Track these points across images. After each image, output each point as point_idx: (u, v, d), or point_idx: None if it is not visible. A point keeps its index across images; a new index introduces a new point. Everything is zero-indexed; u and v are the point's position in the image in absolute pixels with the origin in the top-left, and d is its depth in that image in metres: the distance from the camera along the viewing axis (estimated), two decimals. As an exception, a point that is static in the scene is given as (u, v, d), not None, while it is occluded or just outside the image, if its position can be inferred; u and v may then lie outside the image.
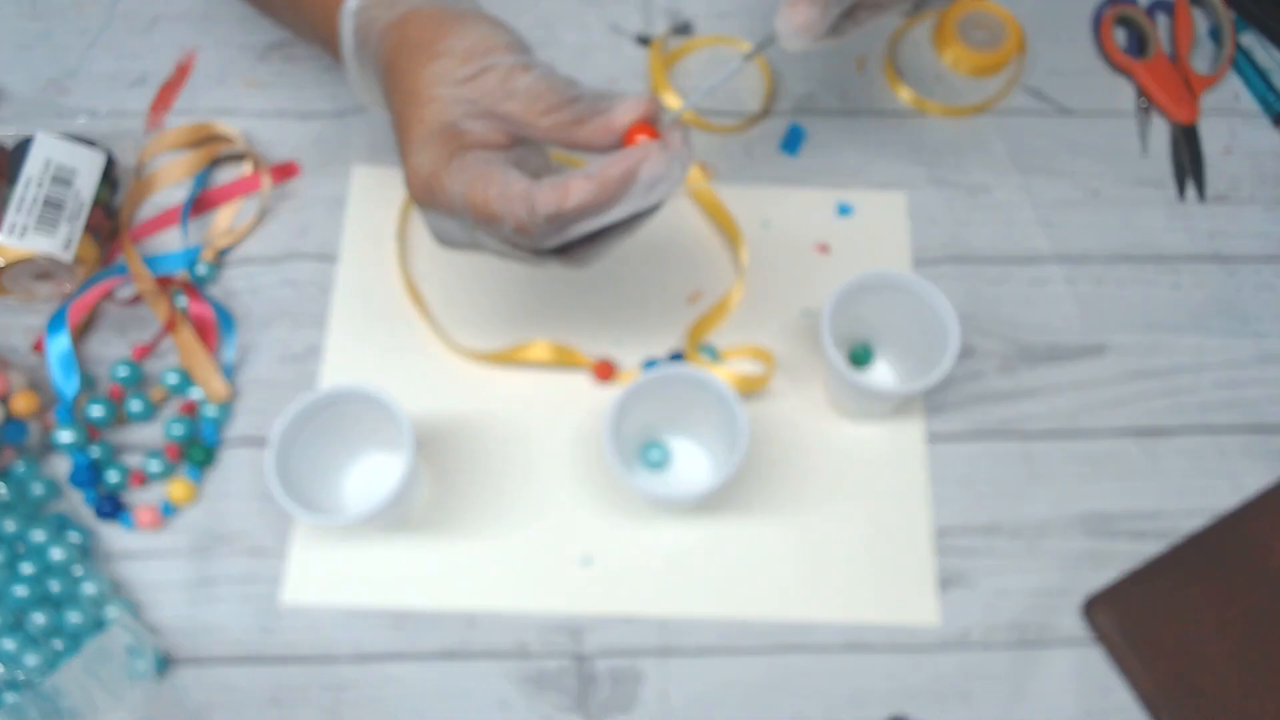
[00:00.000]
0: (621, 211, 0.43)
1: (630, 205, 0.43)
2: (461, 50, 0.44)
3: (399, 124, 0.46)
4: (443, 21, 0.45)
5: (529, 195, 0.42)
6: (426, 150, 0.44)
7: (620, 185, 0.42)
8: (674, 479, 0.57)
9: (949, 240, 0.63)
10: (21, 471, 0.55)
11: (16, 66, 0.66)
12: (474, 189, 0.43)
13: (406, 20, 0.46)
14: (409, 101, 0.45)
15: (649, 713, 0.53)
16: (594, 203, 0.42)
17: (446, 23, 0.45)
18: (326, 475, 0.55)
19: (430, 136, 0.44)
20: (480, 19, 0.46)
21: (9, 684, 0.51)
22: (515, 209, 0.42)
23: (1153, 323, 0.61)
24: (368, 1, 0.48)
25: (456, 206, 0.44)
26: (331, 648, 0.54)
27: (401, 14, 0.47)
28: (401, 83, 0.45)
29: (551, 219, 0.42)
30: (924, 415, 0.59)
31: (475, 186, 0.43)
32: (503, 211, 0.42)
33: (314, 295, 0.61)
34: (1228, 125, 0.67)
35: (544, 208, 0.42)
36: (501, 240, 0.44)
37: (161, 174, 0.64)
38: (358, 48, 0.49)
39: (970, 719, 0.53)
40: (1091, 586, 0.55)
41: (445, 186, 0.43)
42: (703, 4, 0.69)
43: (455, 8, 0.47)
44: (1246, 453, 0.58)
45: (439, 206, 0.44)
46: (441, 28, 0.45)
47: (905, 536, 0.56)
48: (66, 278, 0.59)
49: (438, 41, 0.45)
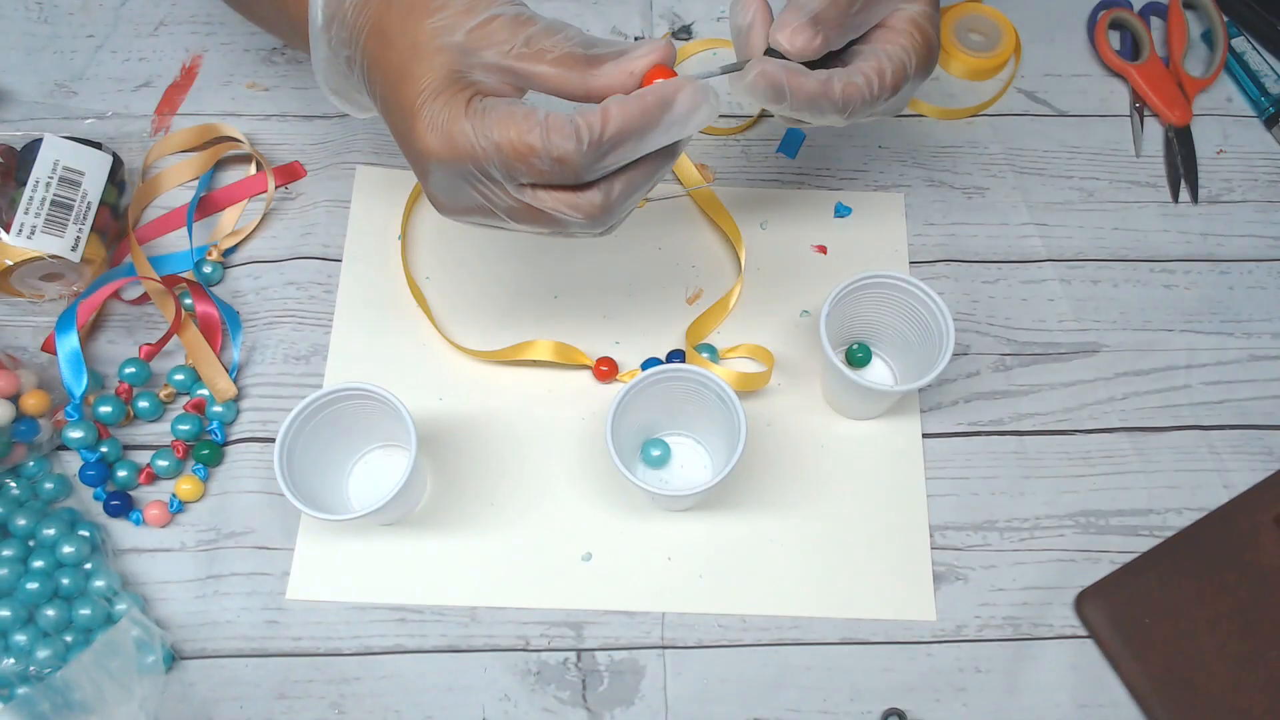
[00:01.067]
0: (657, 140, 0.42)
1: (667, 134, 0.42)
2: (462, 2, 0.43)
3: (397, 82, 0.44)
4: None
5: (571, 121, 0.41)
6: (439, 100, 0.42)
7: (658, 110, 0.41)
8: (673, 476, 0.58)
9: (945, 241, 0.64)
10: (32, 469, 0.56)
11: (24, 69, 0.67)
12: (505, 127, 0.41)
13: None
14: (410, 56, 0.43)
15: (649, 706, 0.54)
16: (635, 127, 0.41)
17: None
18: (331, 472, 0.56)
19: (441, 86, 0.42)
20: None
21: (21, 677, 0.52)
22: (556, 140, 0.41)
23: (1146, 322, 0.62)
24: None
25: (483, 151, 0.42)
26: (336, 642, 0.55)
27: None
28: (398, 40, 0.44)
29: (594, 144, 0.41)
30: (920, 413, 0.59)
31: (507, 124, 0.41)
32: (541, 144, 0.41)
33: (318, 295, 0.62)
34: (1220, 127, 0.68)
35: (587, 132, 0.41)
36: (531, 181, 0.43)
37: (167, 175, 0.64)
38: (328, 23, 0.46)
39: (965, 713, 0.54)
40: (1084, 582, 0.56)
41: (469, 131, 0.42)
42: (703, 7, 0.70)
43: None
44: (1237, 450, 0.59)
45: (460, 156, 0.42)
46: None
47: (901, 532, 0.57)
48: (74, 278, 0.59)
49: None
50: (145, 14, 0.69)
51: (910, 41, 0.49)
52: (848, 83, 0.48)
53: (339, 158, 0.65)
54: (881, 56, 0.48)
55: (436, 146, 0.42)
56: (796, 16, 0.47)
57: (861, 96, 0.48)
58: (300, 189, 0.65)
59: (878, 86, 0.48)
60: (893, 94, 0.49)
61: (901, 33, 0.49)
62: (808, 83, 0.47)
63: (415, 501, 0.57)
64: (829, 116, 0.48)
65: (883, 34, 0.49)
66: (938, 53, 0.51)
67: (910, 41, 0.49)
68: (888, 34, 0.49)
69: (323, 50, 0.48)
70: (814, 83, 0.47)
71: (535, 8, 0.69)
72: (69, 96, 0.67)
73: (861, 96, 0.48)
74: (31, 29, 0.69)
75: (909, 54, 0.49)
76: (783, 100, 0.47)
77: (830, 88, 0.47)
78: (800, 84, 0.47)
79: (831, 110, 0.48)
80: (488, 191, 0.44)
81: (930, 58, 0.50)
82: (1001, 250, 0.64)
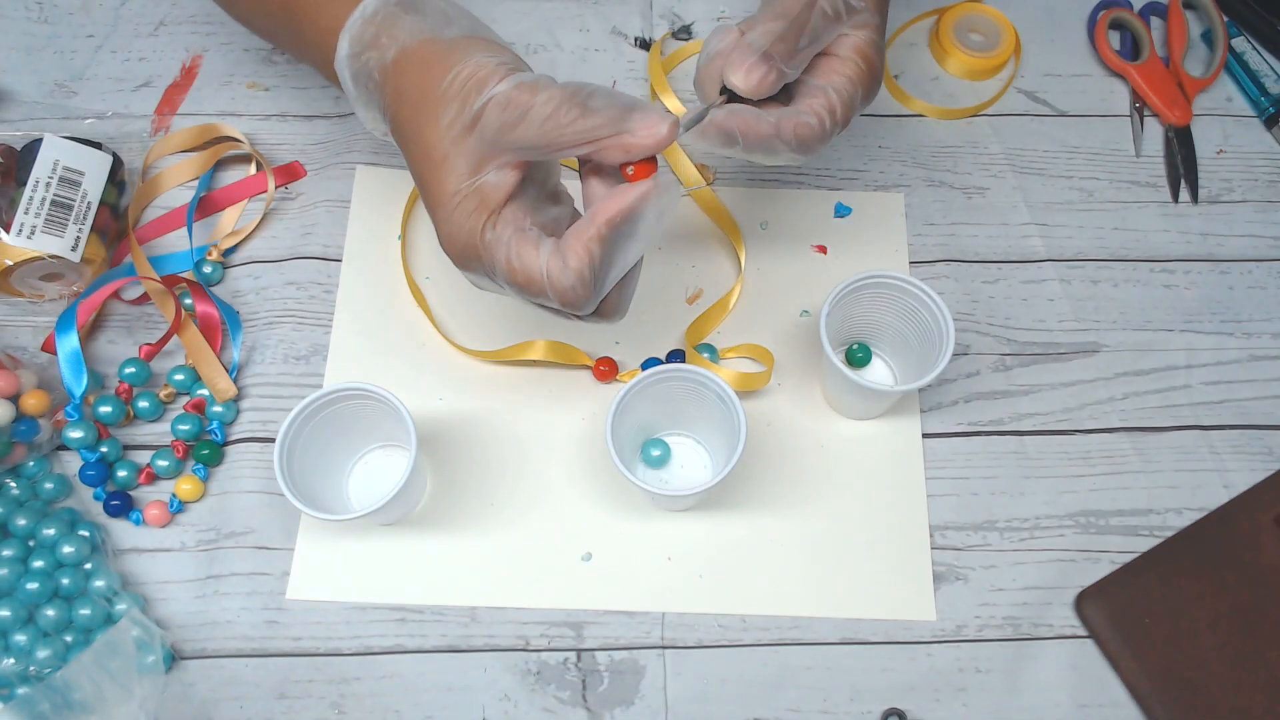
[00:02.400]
0: (639, 249, 0.44)
1: (643, 241, 0.44)
2: (458, 91, 0.43)
3: (418, 181, 0.45)
4: (432, 64, 0.44)
5: (573, 265, 0.42)
6: (456, 216, 0.44)
7: (627, 226, 0.43)
8: (673, 476, 0.58)
9: (945, 241, 0.64)
10: (32, 469, 0.56)
11: (24, 69, 0.67)
12: (513, 266, 0.43)
13: (399, 66, 0.45)
14: (424, 162, 0.44)
15: (649, 706, 0.54)
16: (618, 253, 0.43)
17: (435, 65, 0.44)
18: (331, 472, 0.56)
19: (455, 199, 0.43)
20: (471, 48, 0.44)
21: (21, 677, 0.52)
22: (556, 281, 0.43)
23: (1146, 322, 0.62)
24: (358, 48, 0.46)
25: (500, 278, 0.44)
26: (336, 642, 0.55)
27: (394, 57, 0.45)
28: (412, 141, 0.45)
29: (585, 284, 0.43)
30: (920, 413, 0.60)
31: (514, 264, 0.43)
32: (548, 290, 0.43)
33: (318, 295, 0.62)
34: (1220, 127, 0.68)
35: (585, 272, 0.43)
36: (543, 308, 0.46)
37: (167, 175, 0.64)
38: (359, 93, 0.48)
39: (965, 712, 0.54)
40: (1084, 582, 0.56)
41: (484, 258, 0.44)
42: (702, 7, 0.70)
43: (444, 39, 0.45)
44: (1237, 450, 0.59)
45: (481, 272, 0.45)
46: (431, 72, 0.44)
47: (901, 532, 0.57)
48: (74, 278, 0.59)
49: (431, 90, 0.44)
50: (145, 14, 0.69)
51: (855, 71, 0.49)
52: (799, 123, 0.48)
53: (339, 158, 0.65)
54: (829, 92, 0.49)
55: (459, 260, 0.45)
56: (748, 55, 0.47)
57: (815, 135, 0.48)
58: (300, 189, 0.65)
59: (829, 123, 0.49)
60: (844, 127, 0.49)
61: (847, 61, 0.49)
62: (759, 126, 0.47)
63: (415, 501, 0.57)
64: (784, 157, 0.49)
65: (828, 64, 0.50)
66: (881, 79, 0.51)
67: (855, 71, 0.49)
68: (833, 63, 0.49)
69: (361, 113, 0.49)
70: (765, 126, 0.47)
71: (535, 10, 0.70)
72: (69, 96, 0.67)
73: (815, 135, 0.48)
74: (31, 29, 0.69)
75: (855, 85, 0.49)
76: (734, 145, 0.48)
77: (782, 130, 0.48)
78: (751, 128, 0.47)
79: (786, 151, 0.48)
80: (498, 282, 0.46)
81: (874, 86, 0.51)
82: (1001, 250, 0.64)
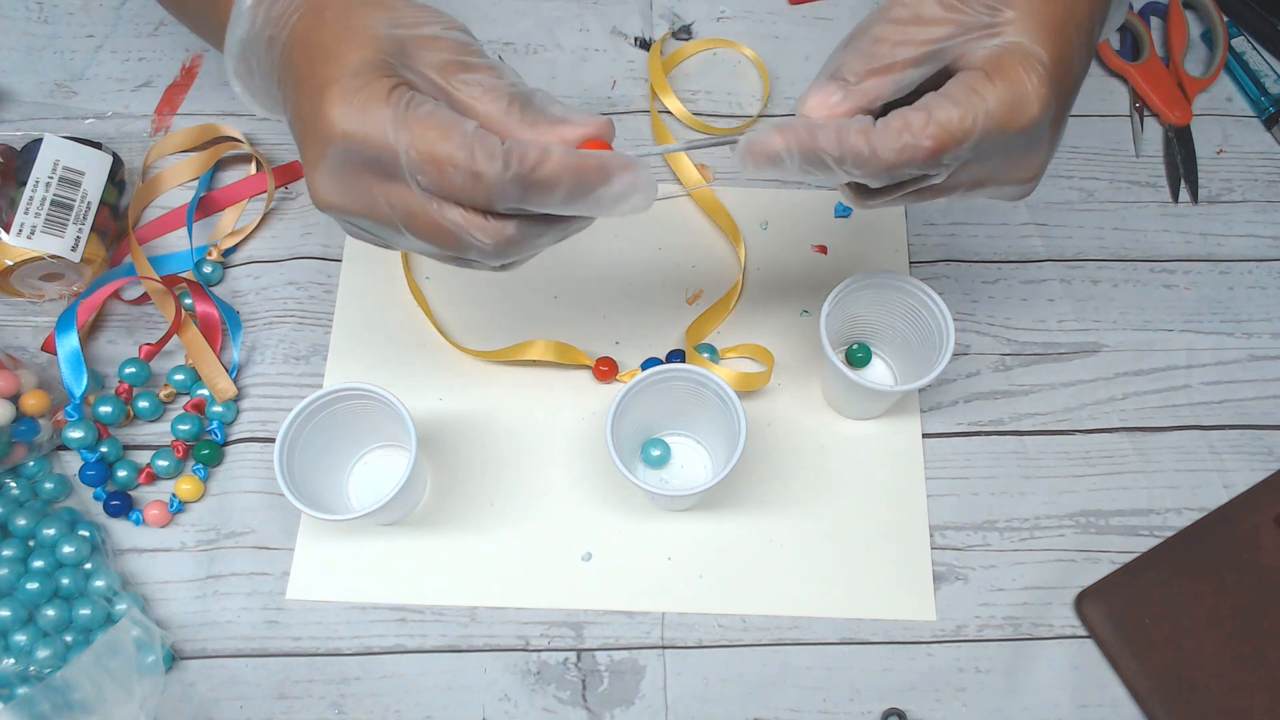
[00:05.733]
0: (580, 207, 0.38)
1: (590, 206, 0.38)
2: (411, 12, 0.39)
3: (319, 60, 0.39)
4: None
5: (505, 145, 0.37)
6: (359, 79, 0.38)
7: (595, 178, 0.38)
8: (673, 476, 0.58)
9: (945, 241, 0.64)
10: (33, 469, 0.56)
11: (24, 69, 0.67)
12: (427, 127, 0.37)
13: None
14: (341, 36, 0.39)
15: (649, 706, 0.54)
16: (568, 182, 0.37)
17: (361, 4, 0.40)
18: (331, 472, 0.56)
19: (365, 68, 0.38)
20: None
21: (21, 677, 0.52)
22: (481, 157, 0.37)
23: (1146, 322, 0.62)
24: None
25: (395, 144, 0.37)
26: (336, 642, 0.55)
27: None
28: (333, 21, 0.39)
29: (521, 178, 0.37)
30: (920, 413, 0.60)
31: (428, 124, 0.37)
32: (464, 157, 0.37)
33: (318, 295, 0.62)
34: (1220, 127, 0.68)
35: (517, 162, 0.37)
36: (437, 192, 0.38)
37: (167, 175, 0.64)
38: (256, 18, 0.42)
39: (965, 713, 0.54)
40: (1084, 582, 0.56)
41: (385, 118, 0.37)
42: (703, 7, 0.70)
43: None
44: (1237, 450, 0.59)
45: (368, 143, 0.37)
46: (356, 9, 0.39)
47: (901, 532, 0.57)
48: (74, 278, 0.60)
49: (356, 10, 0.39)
50: (145, 14, 0.69)
51: (971, 88, 0.37)
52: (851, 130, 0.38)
53: (339, 158, 0.65)
54: (934, 102, 0.38)
55: (344, 126, 0.37)
56: (820, 77, 0.40)
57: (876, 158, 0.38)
58: (300, 189, 0.65)
59: (896, 140, 0.37)
60: (930, 158, 0.38)
61: (972, 74, 0.38)
62: (799, 132, 0.39)
63: (415, 501, 0.57)
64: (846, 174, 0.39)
65: (957, 78, 0.39)
66: (1034, 117, 0.37)
67: (971, 88, 0.37)
68: (962, 77, 0.38)
69: (243, 28, 0.42)
70: (802, 130, 0.39)
71: (535, 10, 0.70)
72: (69, 96, 0.67)
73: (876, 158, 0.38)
74: (31, 29, 0.69)
75: (972, 105, 0.37)
76: (779, 163, 0.40)
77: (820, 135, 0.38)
78: (794, 134, 0.39)
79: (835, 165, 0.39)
80: (387, 191, 0.39)
81: (1012, 117, 0.37)
82: (1001, 250, 0.64)
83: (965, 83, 0.38)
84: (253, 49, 0.43)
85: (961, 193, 0.42)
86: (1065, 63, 0.39)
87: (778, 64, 0.69)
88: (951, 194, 0.42)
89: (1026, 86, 0.38)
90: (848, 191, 0.43)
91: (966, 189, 0.41)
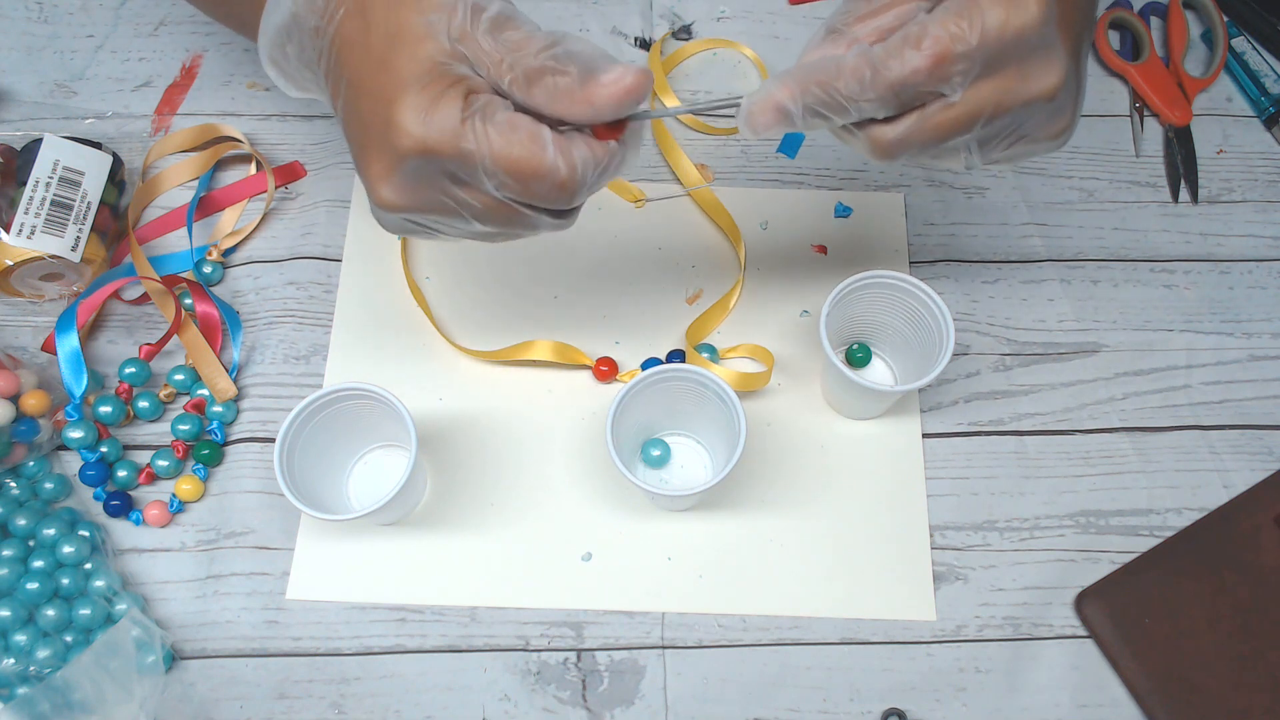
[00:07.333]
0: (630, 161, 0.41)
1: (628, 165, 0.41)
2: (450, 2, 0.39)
3: (376, 68, 0.39)
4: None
5: (583, 153, 0.38)
6: (428, 91, 0.38)
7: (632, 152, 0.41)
8: (673, 476, 0.58)
9: (945, 241, 0.64)
10: (33, 469, 0.56)
11: (24, 69, 0.67)
12: (510, 140, 0.38)
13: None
14: (392, 43, 0.39)
15: (649, 706, 0.54)
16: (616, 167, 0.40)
17: None
18: (331, 472, 0.56)
19: (428, 77, 0.38)
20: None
21: (21, 677, 0.52)
22: (563, 166, 0.38)
23: (1146, 322, 0.62)
24: None
25: (478, 155, 0.38)
26: (336, 642, 0.55)
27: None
28: (380, 24, 0.39)
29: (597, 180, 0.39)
30: (920, 413, 0.60)
31: (511, 137, 0.38)
32: (551, 168, 0.38)
33: (318, 295, 0.62)
34: (1220, 127, 0.68)
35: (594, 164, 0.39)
36: (515, 197, 0.40)
37: (167, 175, 0.64)
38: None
39: (965, 713, 0.54)
40: (1084, 582, 0.56)
41: (467, 131, 0.38)
42: (703, 7, 0.70)
43: None
44: (1237, 450, 0.59)
45: (450, 153, 0.38)
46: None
47: (901, 532, 0.57)
48: (74, 278, 0.60)
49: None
50: (145, 14, 0.69)
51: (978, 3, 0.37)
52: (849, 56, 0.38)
53: (339, 158, 0.65)
54: (930, 16, 0.38)
55: (424, 137, 0.38)
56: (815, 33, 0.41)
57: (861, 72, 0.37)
58: (300, 189, 0.65)
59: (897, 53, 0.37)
60: (934, 66, 0.37)
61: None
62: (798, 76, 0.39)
63: (415, 501, 0.57)
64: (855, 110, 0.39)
65: None
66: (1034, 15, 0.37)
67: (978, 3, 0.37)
68: None
69: (285, 12, 0.42)
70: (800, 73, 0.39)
71: (535, 10, 0.70)
72: (69, 96, 0.67)
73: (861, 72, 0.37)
74: (31, 29, 0.69)
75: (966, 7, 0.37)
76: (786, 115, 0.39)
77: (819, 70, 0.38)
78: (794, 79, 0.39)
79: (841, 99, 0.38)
80: (462, 194, 0.40)
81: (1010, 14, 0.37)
82: (1001, 250, 0.64)
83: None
84: (293, 35, 0.43)
85: (985, 122, 0.39)
86: None
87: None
88: (976, 123, 0.39)
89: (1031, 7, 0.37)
90: (866, 142, 0.41)
91: (990, 116, 0.39)
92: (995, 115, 0.39)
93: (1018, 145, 0.42)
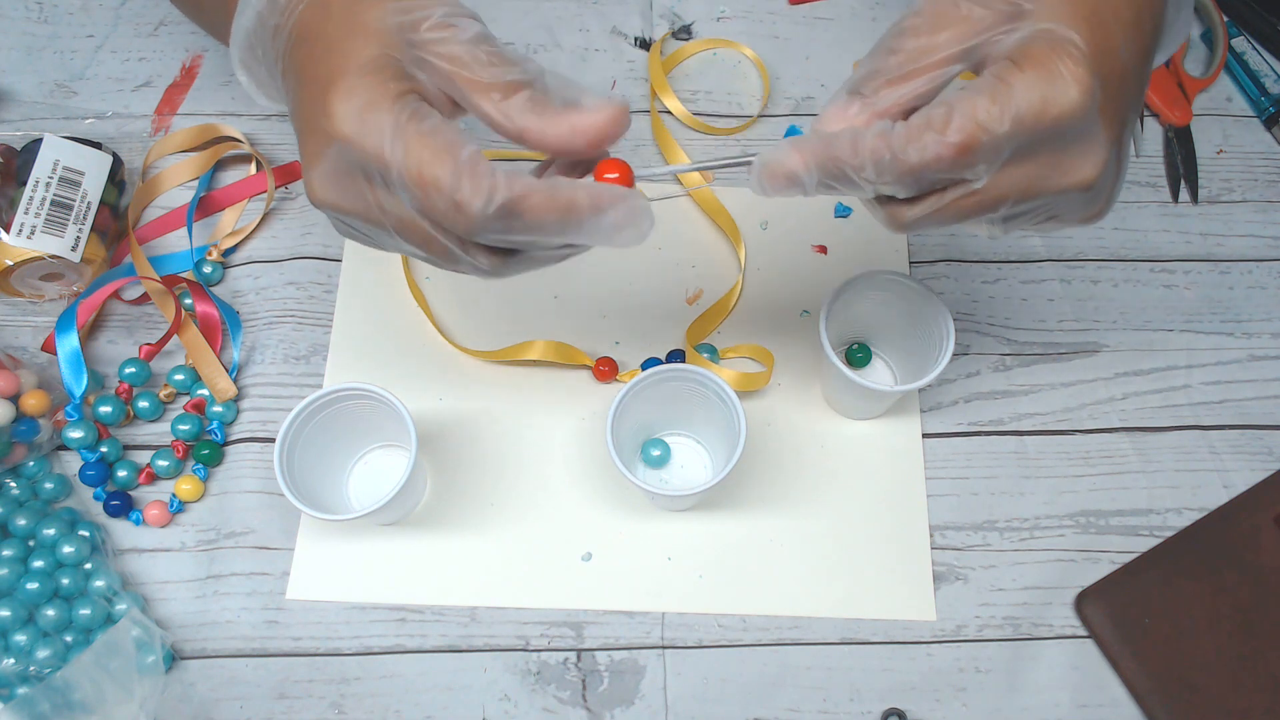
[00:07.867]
0: (574, 238, 0.37)
1: (585, 236, 0.37)
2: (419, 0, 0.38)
3: (324, 54, 0.38)
4: None
5: (492, 178, 0.35)
6: (366, 78, 0.36)
7: (588, 213, 0.36)
8: (673, 476, 0.58)
9: (945, 241, 0.64)
10: (33, 469, 0.56)
11: (24, 69, 0.67)
12: (422, 146, 0.35)
13: None
14: (347, 29, 0.37)
15: (649, 706, 0.54)
16: (553, 221, 0.36)
17: None
18: (331, 472, 0.56)
19: (372, 66, 0.37)
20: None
21: (21, 677, 0.52)
22: (466, 187, 0.35)
23: (1146, 322, 0.62)
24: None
25: (389, 157, 0.36)
26: (336, 642, 0.55)
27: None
28: (338, 13, 0.38)
29: (501, 214, 0.35)
30: (920, 413, 0.60)
31: (423, 144, 0.35)
32: (449, 183, 0.35)
33: (318, 295, 0.62)
34: (1220, 127, 0.68)
35: (503, 194, 0.35)
36: (422, 213, 0.37)
37: (167, 175, 0.64)
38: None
39: (965, 713, 0.54)
40: (1084, 582, 0.56)
41: (386, 127, 0.36)
42: (703, 7, 0.70)
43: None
44: (1237, 450, 0.59)
45: (365, 148, 0.36)
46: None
47: (901, 532, 0.57)
48: (74, 278, 0.60)
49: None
50: (145, 14, 0.69)
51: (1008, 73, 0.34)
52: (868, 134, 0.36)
53: (339, 158, 0.65)
54: (958, 96, 0.35)
55: (344, 127, 0.36)
56: (837, 94, 0.38)
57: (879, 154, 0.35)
58: (300, 189, 0.65)
59: (918, 138, 0.35)
60: (958, 155, 0.35)
61: (1001, 64, 0.35)
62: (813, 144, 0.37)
63: (415, 501, 0.57)
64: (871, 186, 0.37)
65: (984, 72, 0.36)
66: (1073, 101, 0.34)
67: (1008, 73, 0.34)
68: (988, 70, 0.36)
69: (250, 17, 0.41)
70: (817, 142, 0.37)
71: (535, 9, 0.70)
72: (69, 96, 0.67)
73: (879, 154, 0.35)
74: (31, 29, 0.69)
75: (999, 93, 0.34)
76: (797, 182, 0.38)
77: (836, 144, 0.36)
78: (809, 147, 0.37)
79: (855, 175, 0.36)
80: (381, 197, 0.38)
81: (1047, 103, 0.34)
82: (1001, 250, 0.64)
83: (991, 73, 0.35)
84: (258, 38, 0.42)
85: (1011, 205, 0.37)
86: (1107, 50, 0.35)
87: (778, 64, 0.69)
88: (1001, 207, 0.37)
89: (1058, 67, 0.34)
90: (879, 209, 0.40)
91: (1017, 200, 0.37)
92: (1022, 201, 0.37)
93: (1046, 224, 0.40)
